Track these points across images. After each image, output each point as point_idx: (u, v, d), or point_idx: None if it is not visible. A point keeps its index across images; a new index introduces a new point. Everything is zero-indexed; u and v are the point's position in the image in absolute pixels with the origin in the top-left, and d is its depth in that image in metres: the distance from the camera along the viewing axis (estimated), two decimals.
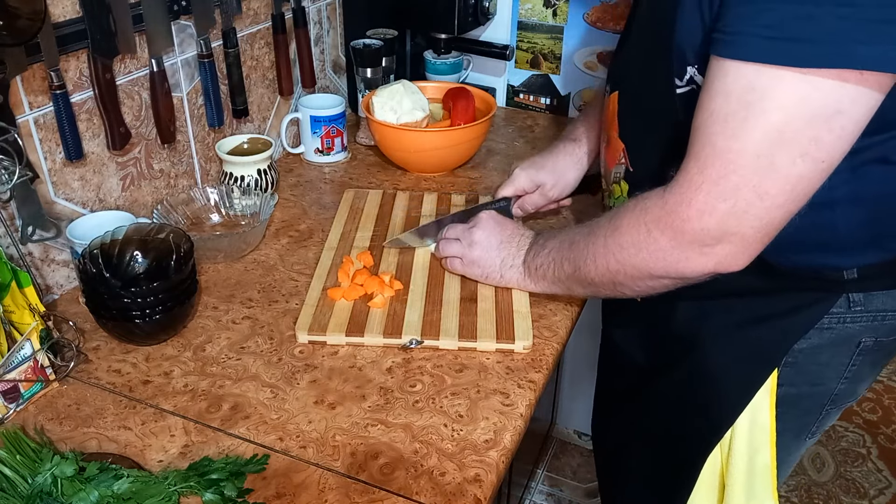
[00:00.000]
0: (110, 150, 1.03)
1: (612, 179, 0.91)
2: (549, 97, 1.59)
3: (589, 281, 0.82)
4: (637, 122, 0.84)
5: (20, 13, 0.79)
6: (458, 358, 0.89)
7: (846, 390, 0.86)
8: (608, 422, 1.10)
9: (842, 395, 0.87)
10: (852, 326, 0.80)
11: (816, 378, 0.84)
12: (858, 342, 0.81)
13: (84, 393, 0.84)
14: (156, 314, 0.87)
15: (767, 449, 0.85)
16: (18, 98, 0.89)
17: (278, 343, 0.92)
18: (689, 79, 0.72)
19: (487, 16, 1.48)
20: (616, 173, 0.89)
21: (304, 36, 1.34)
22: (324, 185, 1.31)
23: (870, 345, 0.82)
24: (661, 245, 0.71)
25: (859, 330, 0.80)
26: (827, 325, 0.79)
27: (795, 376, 0.83)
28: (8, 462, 0.69)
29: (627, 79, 0.85)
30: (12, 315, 0.81)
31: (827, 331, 0.80)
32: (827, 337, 0.80)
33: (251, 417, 0.81)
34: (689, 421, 0.89)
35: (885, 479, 1.93)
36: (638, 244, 0.73)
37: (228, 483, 0.71)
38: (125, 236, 0.91)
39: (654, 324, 0.91)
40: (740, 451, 0.85)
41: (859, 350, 0.82)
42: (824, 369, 0.83)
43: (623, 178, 0.88)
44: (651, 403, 0.95)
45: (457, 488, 0.72)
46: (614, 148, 0.88)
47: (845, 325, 0.80)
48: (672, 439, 0.92)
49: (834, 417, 0.92)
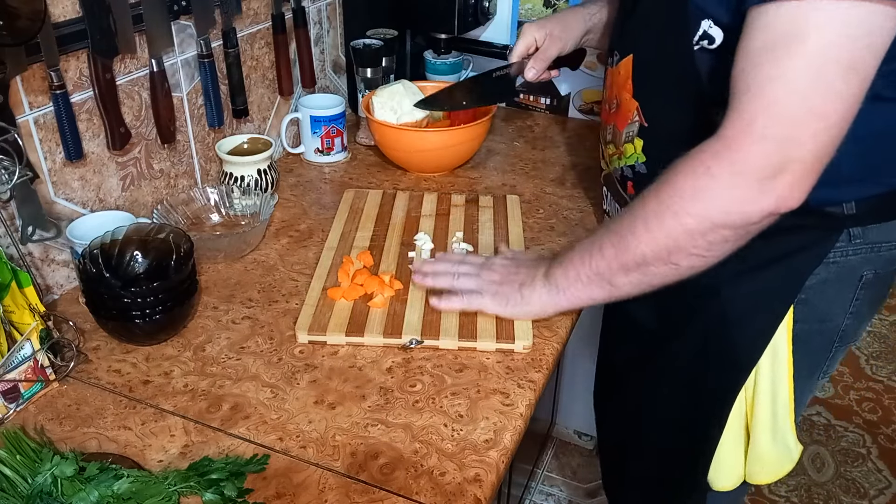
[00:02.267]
0: (110, 150, 1.03)
1: (625, 139, 0.91)
2: (549, 97, 1.59)
3: (639, 257, 0.76)
4: (654, 81, 0.86)
5: (20, 13, 0.78)
6: (458, 358, 0.89)
7: (851, 327, 0.90)
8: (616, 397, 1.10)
9: (848, 333, 0.91)
10: (854, 259, 0.84)
11: (825, 314, 0.88)
12: (860, 276, 0.86)
13: (84, 393, 0.84)
14: (156, 314, 0.87)
15: (786, 385, 0.88)
16: (18, 98, 0.89)
17: (278, 343, 0.92)
18: (704, 33, 0.76)
19: (487, 16, 1.48)
20: (629, 132, 0.90)
21: (304, 36, 1.34)
22: (324, 185, 1.31)
23: (870, 278, 0.86)
24: (722, 182, 0.68)
25: (860, 262, 0.84)
26: (832, 259, 0.83)
27: (807, 312, 0.86)
28: (8, 462, 0.69)
29: (643, 41, 0.86)
30: (12, 315, 0.81)
31: (833, 264, 0.84)
32: (833, 271, 0.84)
33: (251, 417, 0.81)
34: (713, 372, 0.90)
35: (885, 479, 1.93)
36: (697, 187, 0.70)
37: (228, 483, 0.71)
38: (125, 236, 0.91)
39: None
40: (765, 390, 0.88)
41: (861, 284, 0.86)
42: (831, 305, 0.87)
43: (637, 134, 0.89)
44: (666, 366, 0.95)
45: (457, 488, 0.72)
46: (626, 108, 0.90)
47: (847, 258, 0.84)
48: (695, 395, 0.93)
49: (840, 356, 0.96)
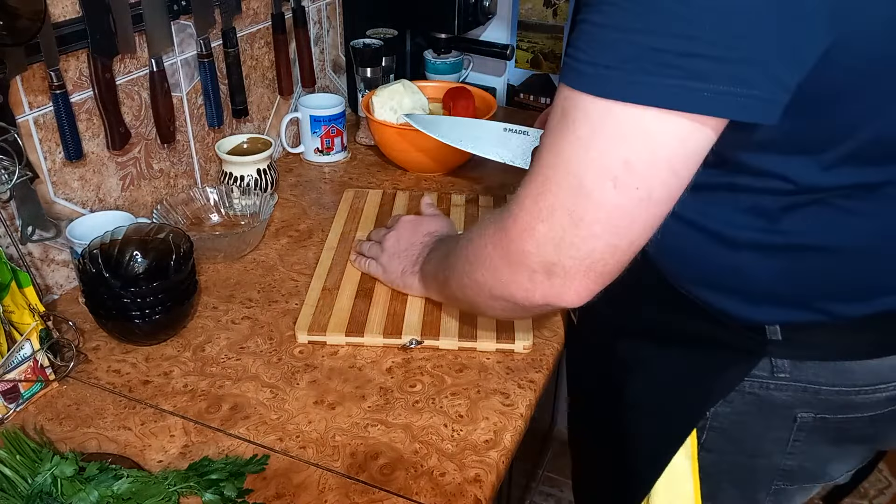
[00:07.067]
0: (110, 150, 1.03)
1: None
2: (549, 97, 1.59)
3: (452, 295, 0.78)
4: None
5: (20, 13, 0.78)
6: (458, 358, 0.89)
7: (802, 468, 0.76)
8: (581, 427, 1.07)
9: (798, 473, 0.77)
10: (778, 395, 0.71)
11: (753, 448, 0.76)
12: (793, 416, 0.72)
13: (84, 393, 0.84)
14: (155, 314, 0.87)
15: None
16: (18, 98, 0.89)
17: (278, 343, 0.92)
18: None
19: (487, 15, 1.48)
20: None
21: (303, 36, 1.34)
22: (323, 184, 1.31)
23: (809, 420, 0.72)
24: (495, 263, 0.65)
25: (788, 400, 0.71)
26: (748, 390, 0.72)
27: (725, 443, 0.76)
28: (8, 462, 0.69)
29: None
30: (12, 315, 0.81)
31: (749, 395, 0.72)
32: (750, 402, 0.73)
33: (251, 418, 0.81)
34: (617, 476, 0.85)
35: (885, 479, 1.93)
36: (480, 259, 0.67)
37: (228, 483, 0.71)
38: (125, 236, 0.91)
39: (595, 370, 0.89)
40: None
41: (798, 425, 0.73)
42: (759, 440, 0.75)
43: None
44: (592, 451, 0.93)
45: (457, 489, 0.72)
46: None
47: (769, 392, 0.72)
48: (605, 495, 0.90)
49: (802, 495, 0.82)
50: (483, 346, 0.90)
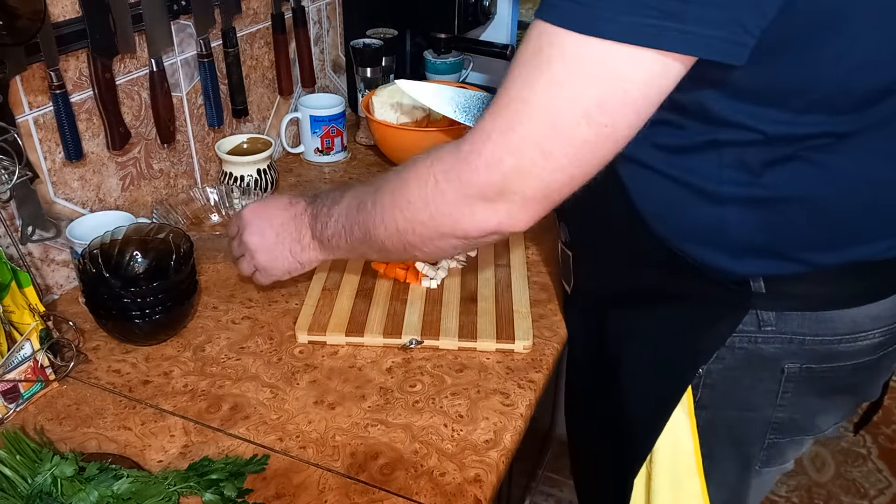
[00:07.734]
0: (110, 150, 1.03)
1: None
2: None
3: (380, 245, 0.75)
4: None
5: (20, 13, 0.78)
6: (458, 358, 0.89)
7: (792, 420, 0.79)
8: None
9: (788, 425, 0.80)
10: (766, 348, 0.74)
11: (744, 403, 0.78)
12: (781, 368, 0.75)
13: (84, 393, 0.84)
14: (155, 314, 0.87)
15: (695, 478, 0.80)
16: (18, 98, 0.89)
17: (278, 343, 0.92)
18: None
19: (487, 16, 1.48)
20: None
21: (303, 35, 1.34)
22: (324, 184, 1.31)
23: (796, 371, 0.75)
24: (448, 198, 0.65)
25: (775, 352, 0.74)
26: (738, 345, 0.74)
27: (718, 399, 0.78)
28: (8, 462, 0.69)
29: None
30: (12, 315, 0.81)
31: (739, 350, 0.74)
32: (740, 357, 0.75)
33: (251, 418, 0.81)
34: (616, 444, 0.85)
35: (885, 479, 1.93)
36: (425, 198, 0.67)
37: (228, 483, 0.71)
38: (125, 236, 0.91)
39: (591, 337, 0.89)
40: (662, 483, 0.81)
41: (786, 377, 0.75)
42: (750, 393, 0.77)
43: None
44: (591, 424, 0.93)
45: (457, 489, 0.72)
46: None
47: (757, 346, 0.74)
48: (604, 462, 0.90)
49: (794, 448, 0.85)
50: (483, 345, 0.90)
